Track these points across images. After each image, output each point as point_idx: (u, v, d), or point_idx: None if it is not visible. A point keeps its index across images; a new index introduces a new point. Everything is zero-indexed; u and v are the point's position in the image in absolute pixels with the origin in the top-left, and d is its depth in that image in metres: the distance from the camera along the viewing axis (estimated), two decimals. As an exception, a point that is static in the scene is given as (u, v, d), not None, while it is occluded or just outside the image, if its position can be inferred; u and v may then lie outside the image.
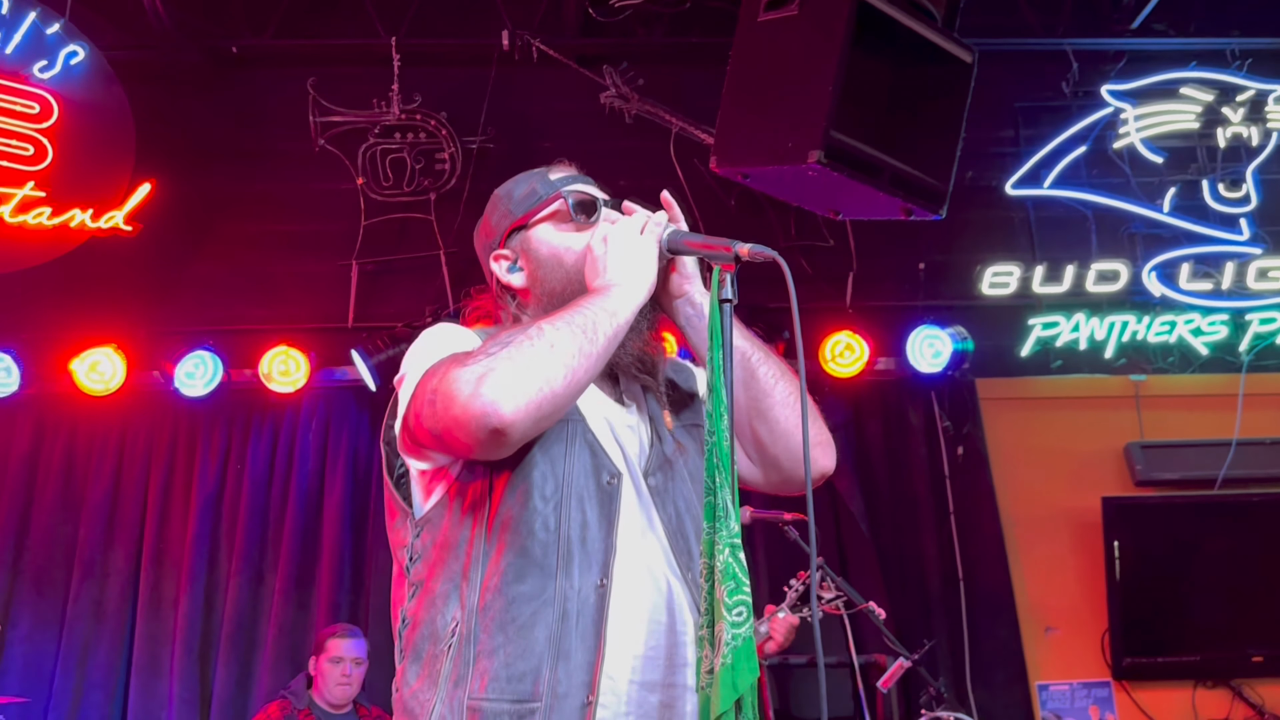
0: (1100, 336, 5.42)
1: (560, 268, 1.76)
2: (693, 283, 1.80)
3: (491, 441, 1.49)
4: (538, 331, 1.53)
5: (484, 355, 1.51)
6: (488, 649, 1.53)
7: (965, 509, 5.26)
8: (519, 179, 1.85)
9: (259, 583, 5.08)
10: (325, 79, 5.44)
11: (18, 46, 4.90)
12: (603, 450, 1.66)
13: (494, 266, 1.82)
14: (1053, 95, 5.75)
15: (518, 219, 1.80)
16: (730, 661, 1.39)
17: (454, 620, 1.57)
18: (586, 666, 1.52)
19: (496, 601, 1.55)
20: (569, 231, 1.78)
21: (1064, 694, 5.07)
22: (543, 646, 1.52)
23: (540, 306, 1.76)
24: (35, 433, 5.22)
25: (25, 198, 4.80)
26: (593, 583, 1.56)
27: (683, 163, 5.44)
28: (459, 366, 1.51)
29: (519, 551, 1.57)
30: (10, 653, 4.95)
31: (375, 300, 5.43)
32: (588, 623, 1.54)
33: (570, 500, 1.60)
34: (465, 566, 1.59)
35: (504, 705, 1.50)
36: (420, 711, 1.55)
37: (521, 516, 1.58)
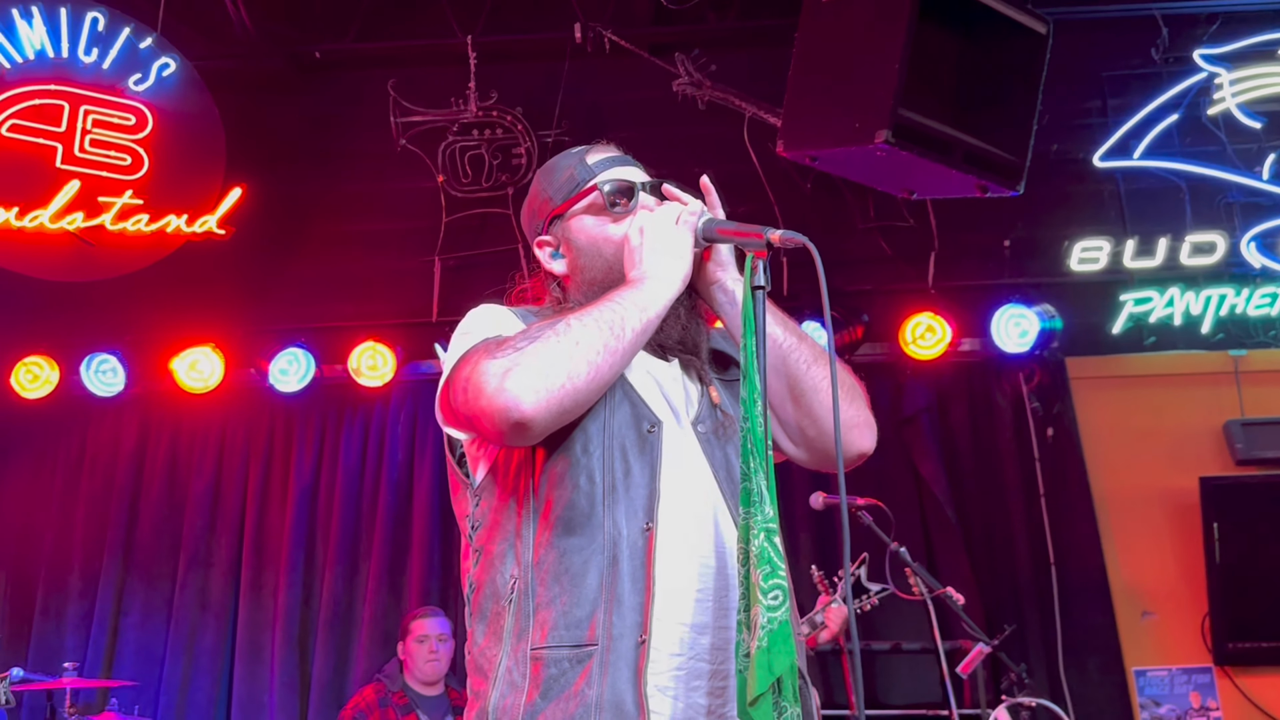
0: (1196, 311, 5.22)
1: (599, 257, 1.79)
2: (727, 270, 1.80)
3: (514, 433, 1.56)
4: (565, 327, 1.57)
5: (512, 349, 1.56)
6: (545, 600, 1.59)
7: (1056, 492, 5.13)
8: (559, 160, 1.88)
9: (354, 570, 5.25)
10: (405, 79, 5.56)
11: (114, 61, 5.13)
12: (642, 401, 1.70)
13: (538, 253, 1.87)
14: (1141, 62, 5.55)
15: (557, 206, 1.83)
16: (766, 644, 1.40)
17: (512, 577, 1.63)
18: (638, 608, 1.56)
19: (549, 555, 1.61)
20: (607, 221, 1.80)
21: (1163, 680, 4.93)
22: (595, 593, 1.57)
23: (582, 293, 1.79)
24: (141, 430, 5.48)
25: (124, 206, 5.03)
26: (639, 527, 1.60)
27: (757, 147, 5.40)
28: (488, 358, 1.57)
29: (566, 505, 1.62)
30: (123, 639, 5.22)
31: (457, 294, 5.54)
32: (637, 566, 1.58)
33: (613, 450, 1.64)
34: (518, 525, 1.65)
35: (564, 651, 1.56)
36: (489, 667, 1.62)
37: (566, 471, 1.63)
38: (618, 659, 1.54)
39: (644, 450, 1.65)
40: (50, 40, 5.05)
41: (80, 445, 5.51)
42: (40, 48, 5.04)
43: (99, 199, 5.00)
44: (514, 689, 1.57)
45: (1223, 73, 5.40)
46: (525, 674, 1.57)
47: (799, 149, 3.90)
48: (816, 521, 4.86)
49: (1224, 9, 5.45)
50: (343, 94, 5.79)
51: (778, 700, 1.41)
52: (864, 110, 3.64)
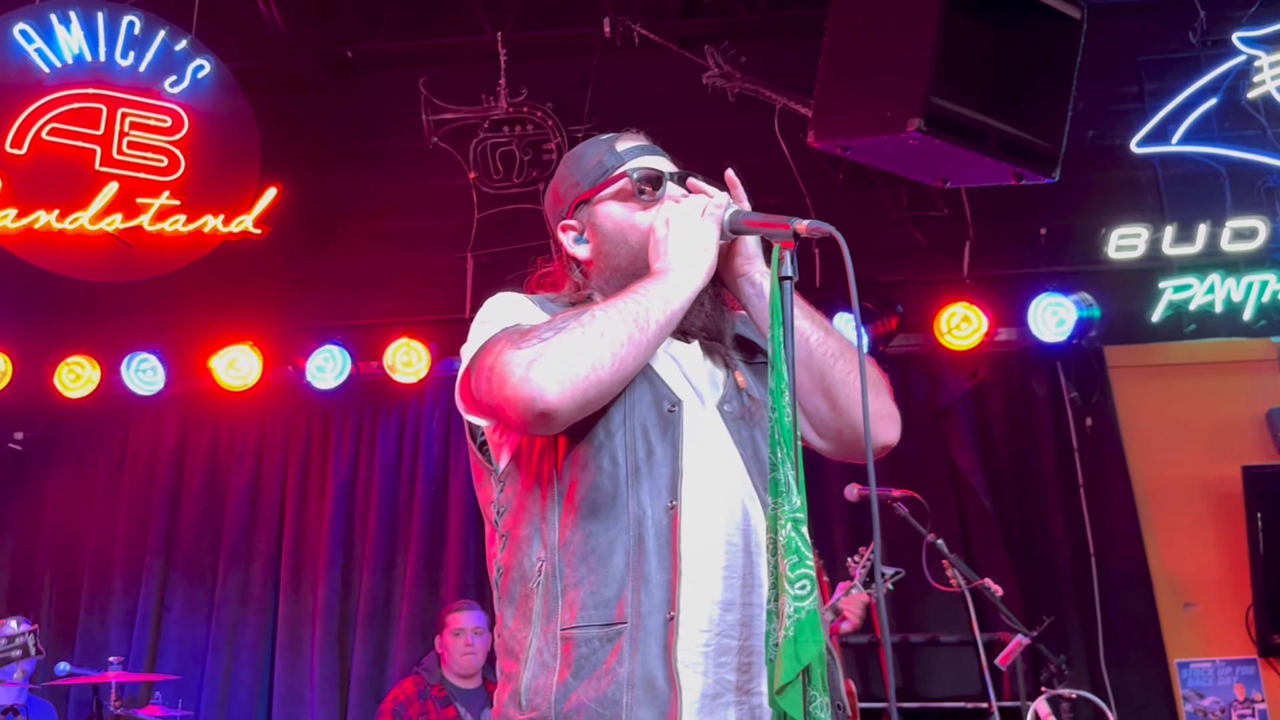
0: (1238, 298, 5.12)
1: (625, 244, 1.79)
2: (754, 262, 1.80)
3: (538, 423, 1.57)
4: (590, 319, 1.58)
5: (536, 339, 1.57)
6: (573, 581, 1.60)
7: (1096, 482, 5.07)
8: (587, 146, 1.88)
9: (391, 565, 5.30)
10: (435, 77, 5.59)
11: (150, 64, 5.20)
12: (663, 382, 1.70)
13: (561, 237, 1.86)
14: (1178, 46, 5.45)
15: (584, 191, 1.83)
16: (793, 634, 1.40)
17: (539, 560, 1.64)
18: (665, 585, 1.57)
19: (575, 536, 1.62)
20: (634, 209, 1.80)
21: (1206, 671, 4.86)
22: (623, 572, 1.58)
23: (605, 279, 1.80)
24: (181, 428, 5.56)
25: (162, 207, 5.10)
26: (663, 505, 1.61)
27: (788, 139, 5.37)
28: (513, 347, 1.58)
29: (590, 486, 1.63)
30: (166, 634, 5.31)
31: (490, 290, 5.45)
32: (663, 544, 1.59)
33: (634, 431, 1.65)
34: (543, 508, 1.66)
35: (593, 630, 1.57)
36: (519, 649, 1.63)
37: (589, 454, 1.64)
38: (647, 636, 1.55)
39: (665, 430, 1.66)
40: (88, 44, 5.13)
41: (121, 444, 5.61)
42: (78, 52, 5.13)
43: (137, 200, 5.07)
44: (545, 669, 1.59)
45: (1262, 55, 5.29)
46: (556, 654, 1.58)
47: (830, 139, 3.88)
48: (851, 513, 4.83)
49: (1264, -11, 5.35)
50: (375, 93, 5.83)
51: (806, 688, 1.41)
52: (896, 99, 3.61)
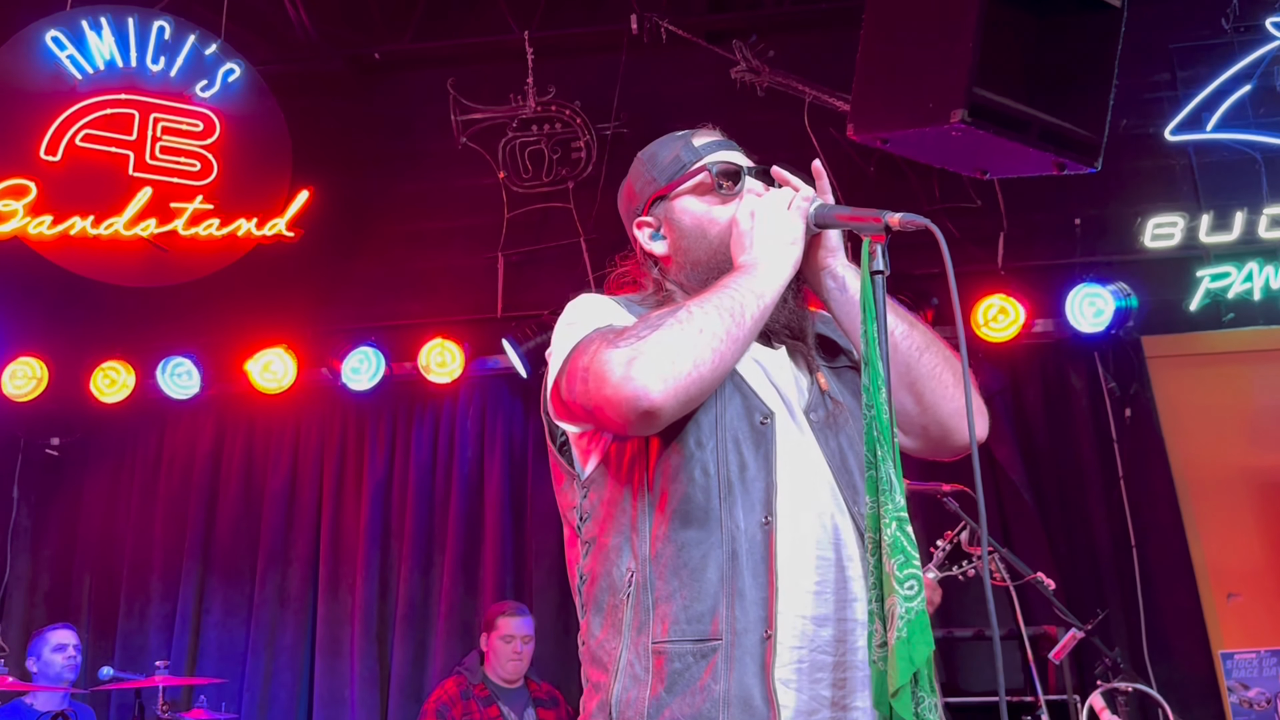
0: (1276, 285, 5.09)
1: (704, 239, 1.77)
2: (836, 256, 1.78)
3: (641, 422, 1.55)
4: (686, 314, 1.56)
5: (634, 337, 1.55)
6: (665, 594, 1.59)
7: (1136, 473, 5.04)
8: (663, 142, 1.86)
9: (429, 565, 5.30)
10: (464, 78, 5.59)
11: (180, 69, 5.21)
12: (753, 392, 1.68)
13: (637, 234, 1.84)
14: (1210, 33, 5.42)
15: (661, 187, 1.81)
16: (905, 635, 1.39)
17: (629, 570, 1.63)
18: (761, 603, 1.56)
19: (667, 549, 1.60)
20: (713, 203, 1.78)
21: (1250, 662, 4.82)
22: (716, 587, 1.56)
23: (684, 275, 1.78)
24: (217, 431, 5.57)
25: (195, 211, 5.11)
26: (758, 520, 1.60)
27: (818, 132, 5.36)
28: (610, 347, 1.56)
29: (682, 498, 1.61)
30: (206, 637, 5.32)
31: (521, 289, 5.56)
32: (757, 560, 1.58)
33: (726, 443, 1.63)
34: (633, 519, 1.65)
35: (687, 646, 1.55)
36: (608, 660, 1.62)
37: (681, 465, 1.62)
38: (743, 654, 1.53)
39: (759, 443, 1.64)
40: (119, 50, 5.14)
41: (157, 448, 5.62)
42: (110, 58, 5.13)
43: (170, 205, 5.08)
44: (637, 682, 1.57)
45: (1297, 40, 5.25)
46: (648, 667, 1.57)
47: (870, 131, 3.84)
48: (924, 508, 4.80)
49: (1297, -26, 5.31)
50: (403, 94, 5.83)
51: (915, 691, 1.40)
52: (938, 90, 3.58)
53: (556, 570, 5.22)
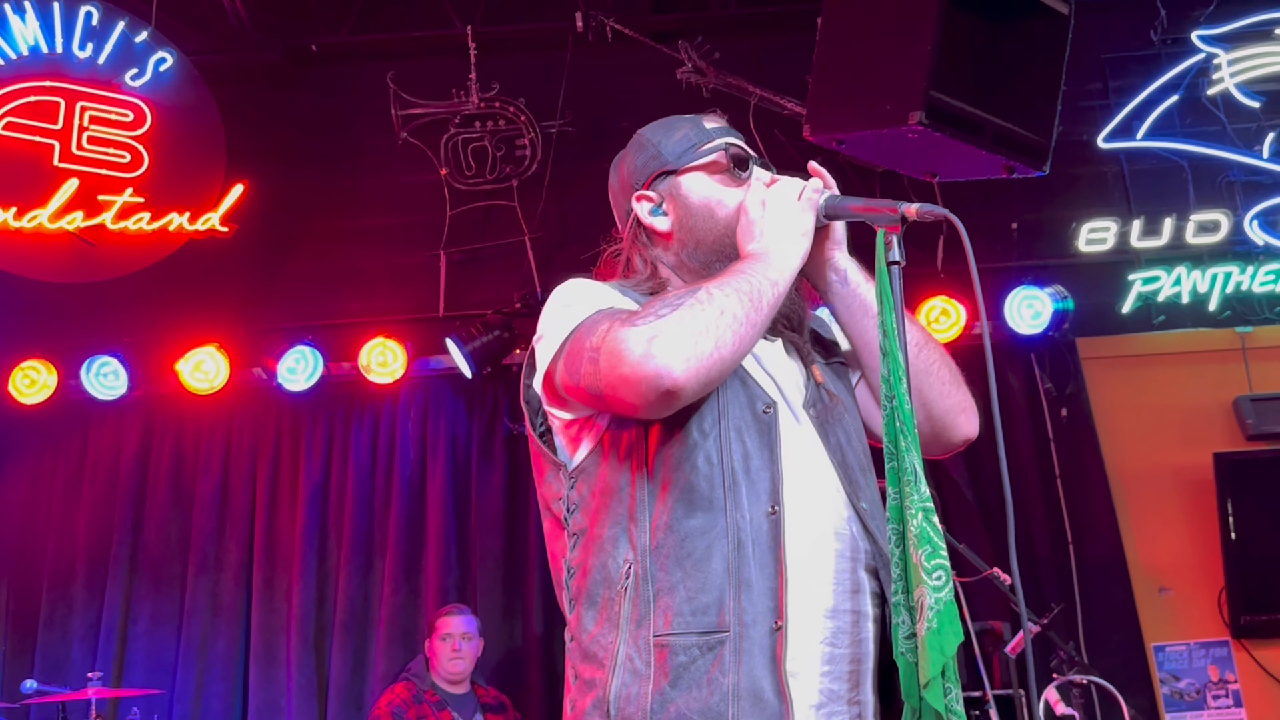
0: (1203, 289, 5.28)
1: (712, 219, 1.75)
2: (840, 248, 1.79)
3: (661, 402, 1.51)
4: (707, 295, 1.54)
5: (653, 316, 1.52)
6: (667, 586, 1.55)
7: (1072, 471, 5.17)
8: (669, 122, 1.84)
9: (368, 570, 5.18)
10: (404, 72, 5.48)
11: (109, 56, 5.01)
12: (754, 382, 1.66)
13: (635, 206, 1.79)
14: (1141, 44, 5.59)
15: (669, 163, 1.78)
16: (936, 626, 1.38)
17: (626, 562, 1.58)
18: (770, 593, 1.53)
19: (669, 539, 1.56)
20: (724, 184, 1.77)
21: (1181, 654, 4.98)
22: (722, 578, 1.53)
23: (685, 253, 1.76)
24: (144, 433, 5.36)
25: (125, 204, 4.92)
26: (764, 510, 1.57)
27: (763, 133, 5.37)
28: (626, 326, 1.52)
29: (685, 488, 1.58)
30: (133, 647, 5.11)
31: (465, 288, 5.48)
32: (764, 550, 1.55)
33: (729, 432, 1.60)
34: (631, 509, 1.61)
35: (692, 638, 1.52)
36: (604, 655, 1.57)
37: (682, 454, 1.59)
38: (752, 645, 1.51)
39: (762, 432, 1.62)
40: (44, 36, 4.92)
41: (81, 450, 5.38)
42: (34, 43, 4.92)
43: (99, 197, 4.88)
44: (637, 677, 1.53)
45: (1220, 53, 5.45)
46: (649, 661, 1.53)
47: (826, 132, 3.86)
48: None
49: (1221, -10, 5.51)
50: (342, 87, 5.70)
51: (944, 682, 1.39)
52: (895, 92, 3.61)
53: (501, 574, 5.15)
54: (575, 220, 5.42)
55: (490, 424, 5.36)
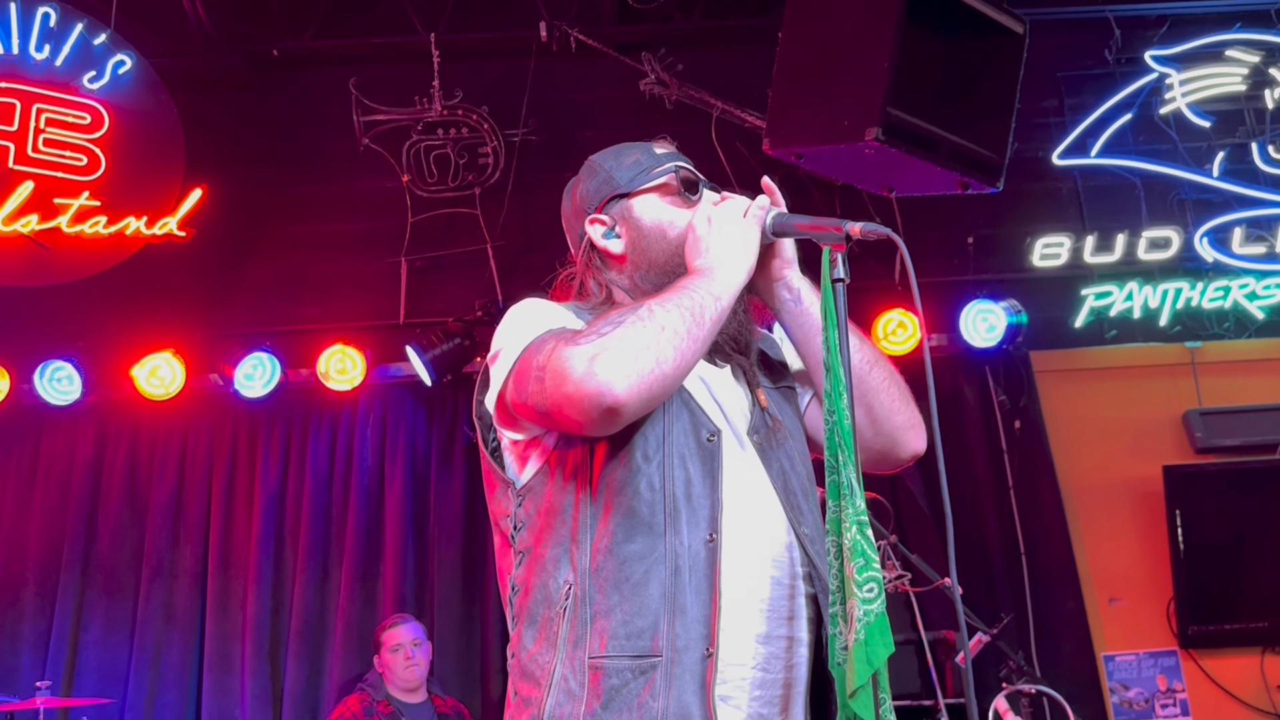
0: (1154, 304, 5.38)
1: (663, 239, 1.77)
2: (792, 267, 1.81)
3: (603, 420, 1.53)
4: (648, 312, 1.55)
5: (595, 334, 1.54)
6: (604, 608, 1.56)
7: (1025, 483, 5.24)
8: (620, 149, 1.87)
9: (325, 579, 5.14)
10: (366, 78, 5.47)
11: (67, 58, 4.96)
12: (699, 409, 1.68)
13: (589, 229, 1.82)
14: (1095, 63, 5.70)
15: (621, 187, 1.81)
16: (863, 637, 1.41)
17: (567, 583, 1.60)
18: (703, 620, 1.55)
19: (609, 562, 1.58)
20: (675, 205, 1.80)
21: (1130, 664, 5.06)
22: (658, 603, 1.55)
23: (638, 275, 1.78)
24: (98, 439, 5.30)
25: (81, 207, 4.87)
26: (702, 538, 1.58)
27: (725, 146, 5.42)
28: (569, 344, 1.54)
29: (626, 512, 1.59)
30: (84, 655, 5.03)
31: (425, 296, 5.47)
32: (700, 577, 1.56)
33: (672, 458, 1.62)
34: (573, 530, 1.62)
35: (625, 661, 1.53)
36: (541, 674, 1.58)
37: (626, 478, 1.61)
38: (683, 671, 1.52)
39: (705, 460, 1.64)
40: (0, 37, 4.86)
41: (33, 456, 5.31)
42: (-11, 44, 4.86)
43: (54, 200, 4.83)
44: (571, 697, 1.55)
45: (1173, 73, 5.57)
46: (583, 683, 1.54)
47: (785, 146, 3.90)
48: None
49: (1173, 12, 5.64)
50: (303, 92, 5.68)
51: (876, 692, 1.41)
52: (853, 108, 3.66)
53: (460, 583, 5.13)
54: (537, 229, 5.43)
55: (450, 432, 5.35)
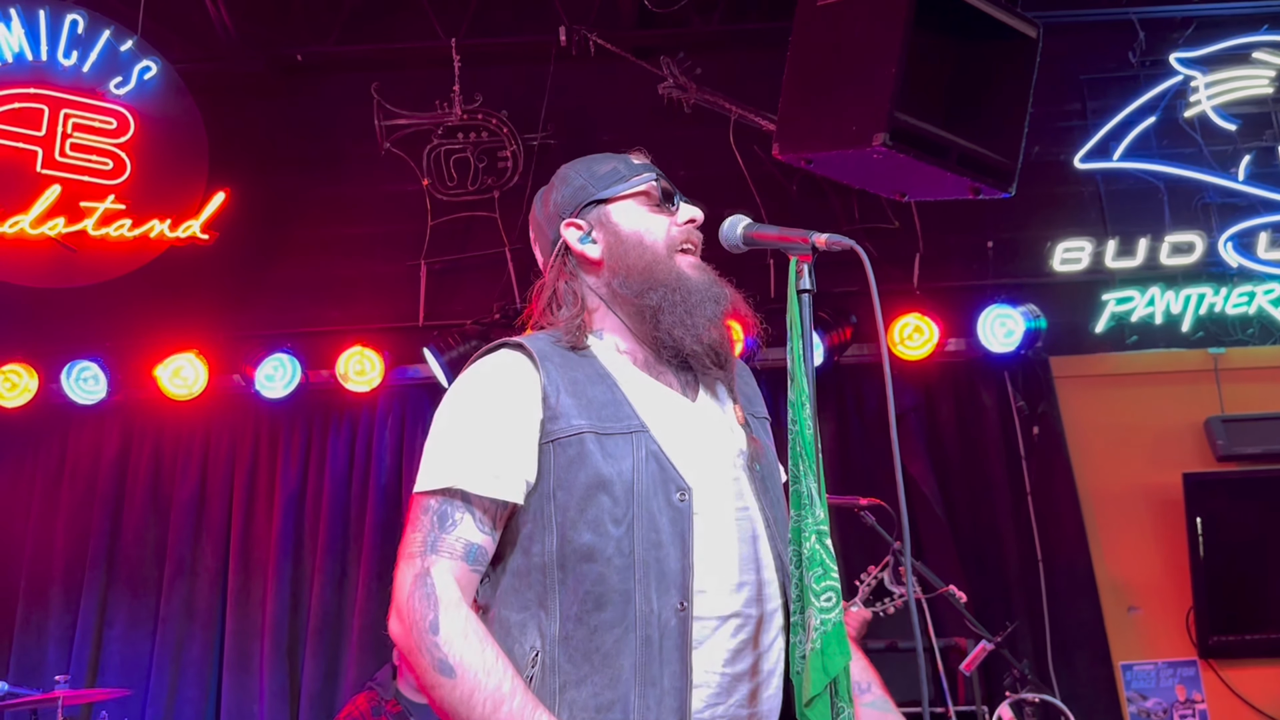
0: (1176, 310, 5.31)
1: (641, 246, 1.78)
2: None
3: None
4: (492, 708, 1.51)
5: (451, 675, 1.51)
6: (573, 679, 1.54)
7: (1043, 489, 5.19)
8: (596, 157, 1.88)
9: (342, 578, 5.21)
10: (388, 83, 5.53)
11: (94, 64, 5.06)
12: (669, 463, 1.63)
13: (565, 233, 1.81)
14: (1119, 66, 5.65)
15: (598, 193, 1.82)
16: (820, 646, 1.41)
17: (533, 650, 1.58)
18: (675, 692, 1.52)
19: (578, 631, 1.56)
20: (652, 213, 1.82)
21: (1149, 674, 5.00)
22: (629, 674, 1.53)
23: (615, 280, 1.77)
24: (124, 437, 5.40)
25: (107, 211, 4.96)
26: (672, 606, 1.56)
27: (742, 150, 5.43)
28: (428, 646, 1.53)
29: (596, 579, 1.57)
30: (108, 650, 5.14)
31: (444, 298, 5.52)
32: (671, 648, 1.54)
33: (643, 520, 1.58)
34: (541, 596, 1.60)
35: None
36: None
37: (595, 543, 1.58)
38: None
39: (675, 520, 1.60)
40: (29, 43, 4.97)
41: (60, 454, 5.42)
42: (19, 50, 4.96)
43: (80, 204, 4.93)
44: None
45: (1198, 75, 5.49)
46: None
47: (794, 151, 3.91)
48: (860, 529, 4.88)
49: (1198, 14, 5.56)
50: (326, 97, 5.75)
51: (835, 701, 1.42)
52: (861, 113, 3.66)
53: (474, 582, 5.16)
54: (555, 233, 5.45)
55: (466, 433, 5.38)
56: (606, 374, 1.69)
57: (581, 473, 1.59)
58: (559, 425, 1.61)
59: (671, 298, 1.71)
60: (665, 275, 1.73)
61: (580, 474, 1.59)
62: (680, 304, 1.70)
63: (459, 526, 1.58)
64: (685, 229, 1.81)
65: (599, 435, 1.60)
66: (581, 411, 1.62)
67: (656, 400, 1.69)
